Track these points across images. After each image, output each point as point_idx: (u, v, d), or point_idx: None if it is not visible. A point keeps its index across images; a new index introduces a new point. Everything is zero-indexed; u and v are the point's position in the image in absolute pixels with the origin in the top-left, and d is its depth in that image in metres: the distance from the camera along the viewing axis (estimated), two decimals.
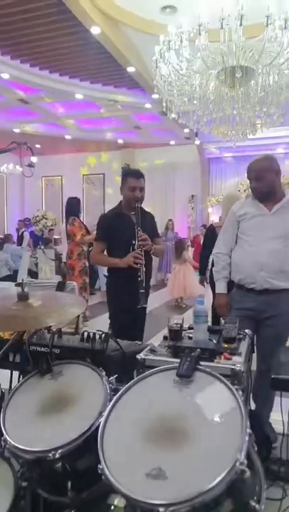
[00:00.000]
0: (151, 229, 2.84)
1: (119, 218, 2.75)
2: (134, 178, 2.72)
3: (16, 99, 8.70)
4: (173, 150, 12.28)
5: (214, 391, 1.12)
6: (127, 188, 2.72)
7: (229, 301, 2.58)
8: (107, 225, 2.79)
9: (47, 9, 5.46)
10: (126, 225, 2.69)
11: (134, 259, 2.58)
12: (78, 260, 5.40)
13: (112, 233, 2.74)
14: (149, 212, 2.95)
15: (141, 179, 2.74)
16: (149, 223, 2.83)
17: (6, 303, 1.41)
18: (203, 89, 4.86)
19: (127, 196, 2.74)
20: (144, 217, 2.74)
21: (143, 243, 2.62)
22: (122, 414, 1.14)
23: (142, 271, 2.60)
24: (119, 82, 8.03)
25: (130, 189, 2.70)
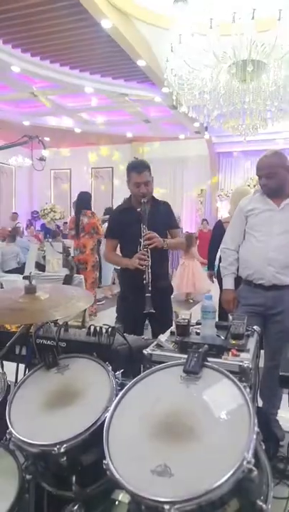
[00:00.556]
0: (165, 220, 2.68)
1: (127, 213, 2.64)
2: (137, 174, 2.56)
3: (26, 92, 8.69)
4: (182, 144, 12.21)
5: (222, 388, 1.10)
6: (132, 184, 2.59)
7: (236, 297, 2.57)
8: (115, 222, 2.74)
9: (59, 3, 5.43)
10: (134, 221, 2.55)
11: (138, 261, 2.43)
12: (92, 255, 5.40)
13: (121, 230, 2.65)
14: (164, 201, 2.78)
15: (144, 173, 2.55)
16: (163, 214, 2.67)
17: (14, 295, 1.41)
18: (213, 83, 4.81)
19: (132, 192, 2.62)
20: (156, 209, 2.61)
21: (148, 242, 2.45)
22: (128, 410, 1.13)
23: (147, 273, 2.43)
24: (129, 75, 7.99)
25: (135, 185, 2.56)
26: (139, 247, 2.49)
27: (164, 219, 2.67)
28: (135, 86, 8.38)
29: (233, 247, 2.58)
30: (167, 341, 1.82)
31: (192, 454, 0.96)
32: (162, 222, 2.64)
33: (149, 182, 2.57)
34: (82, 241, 5.42)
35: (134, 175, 2.56)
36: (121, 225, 2.66)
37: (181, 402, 1.09)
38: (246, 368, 1.53)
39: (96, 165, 13.65)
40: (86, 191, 5.82)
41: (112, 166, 13.39)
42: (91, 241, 5.39)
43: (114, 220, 2.77)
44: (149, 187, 2.58)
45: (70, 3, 5.38)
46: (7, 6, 5.54)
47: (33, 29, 6.27)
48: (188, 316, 1.89)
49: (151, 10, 5.81)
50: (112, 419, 1.11)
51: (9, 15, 5.81)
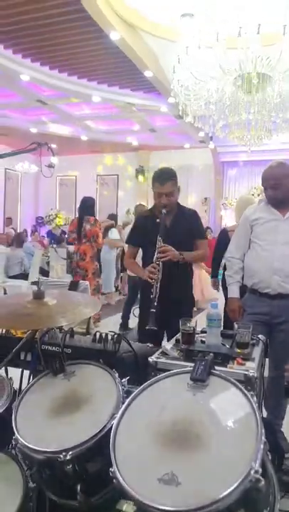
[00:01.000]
0: (189, 230, 2.57)
1: (149, 221, 2.57)
2: (159, 184, 2.49)
3: (34, 100, 8.79)
4: (187, 153, 12.29)
5: (229, 396, 1.10)
6: (154, 193, 2.54)
7: (242, 306, 2.57)
8: (137, 229, 2.71)
9: (68, 15, 5.51)
10: (155, 230, 2.46)
11: (148, 274, 2.36)
12: (91, 263, 5.37)
13: (142, 237, 2.61)
14: (192, 209, 2.71)
15: (167, 184, 2.47)
16: (187, 224, 2.57)
17: (22, 301, 1.41)
18: (219, 94, 4.86)
19: (155, 201, 2.56)
20: (180, 218, 2.55)
21: (162, 255, 2.35)
22: (135, 417, 1.12)
23: (155, 287, 2.33)
24: (136, 85, 8.06)
25: (156, 195, 2.52)
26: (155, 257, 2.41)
27: (188, 229, 2.57)
28: (142, 96, 8.45)
29: (238, 255, 2.59)
30: (172, 349, 1.82)
31: (199, 462, 0.95)
32: (186, 232, 2.55)
33: (171, 192, 2.49)
34: (83, 248, 5.38)
35: (157, 184, 2.50)
36: (142, 232, 2.63)
37: (188, 410, 1.09)
38: (252, 377, 1.52)
39: (101, 172, 13.73)
40: (90, 196, 5.81)
41: (118, 173, 13.46)
42: (91, 248, 5.36)
43: (136, 227, 2.75)
44: (172, 197, 2.50)
45: (80, 16, 5.46)
46: (19, 17, 5.63)
47: (44, 40, 6.36)
48: (194, 324, 1.89)
49: (158, 23, 5.90)
50: (119, 426, 1.10)
51: (21, 26, 5.91)
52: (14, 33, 6.13)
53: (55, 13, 5.51)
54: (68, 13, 5.48)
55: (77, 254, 5.45)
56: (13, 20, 5.72)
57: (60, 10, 5.41)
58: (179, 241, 2.46)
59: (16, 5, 5.30)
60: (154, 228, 2.47)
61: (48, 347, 1.82)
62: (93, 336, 1.83)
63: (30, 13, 5.50)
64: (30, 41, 6.44)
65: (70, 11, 5.40)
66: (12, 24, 5.86)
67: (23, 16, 5.58)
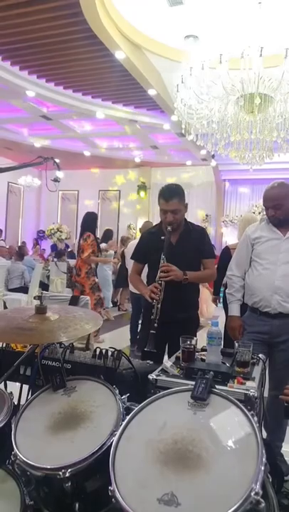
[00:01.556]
0: (195, 250, 2.49)
1: (155, 238, 2.48)
2: (164, 200, 2.40)
3: (38, 115, 8.93)
4: (189, 170, 12.43)
5: (230, 416, 1.10)
6: (160, 210, 2.46)
7: (242, 324, 2.56)
8: (142, 245, 2.65)
9: (75, 34, 5.64)
10: (160, 247, 2.38)
11: (150, 293, 2.30)
12: (87, 279, 5.29)
13: (147, 254, 2.55)
14: (200, 227, 2.65)
15: (173, 201, 2.38)
16: (194, 242, 2.49)
17: (24, 315, 1.42)
18: (222, 114, 4.95)
19: (161, 218, 2.48)
20: (187, 236, 2.47)
21: (164, 275, 2.28)
22: (135, 435, 1.12)
23: (156, 308, 2.26)
24: (139, 103, 8.20)
25: (161, 212, 2.45)
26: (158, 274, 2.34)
27: (196, 247, 2.49)
28: (145, 113, 8.59)
29: (239, 273, 2.60)
30: (172, 367, 1.81)
31: (200, 483, 0.94)
32: (192, 250, 2.47)
33: (177, 210, 2.40)
34: (79, 263, 5.35)
35: (162, 201, 2.42)
36: (147, 249, 2.56)
37: (188, 428, 1.08)
38: (252, 397, 1.52)
39: (103, 187, 13.84)
40: (92, 212, 5.81)
41: (120, 189, 13.58)
42: (86, 264, 5.28)
43: (142, 243, 2.67)
44: (178, 215, 2.41)
45: (86, 35, 5.59)
46: (27, 35, 5.78)
47: (50, 57, 6.50)
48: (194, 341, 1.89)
49: (162, 43, 6.05)
50: (119, 443, 1.10)
51: (28, 43, 6.04)
52: (22, 50, 6.28)
53: (62, 32, 5.64)
54: (75, 32, 5.61)
55: (75, 270, 5.46)
56: (21, 38, 5.86)
57: (67, 29, 5.55)
58: (185, 260, 2.39)
59: (24, 23, 5.43)
60: (159, 246, 2.39)
61: (48, 362, 1.82)
62: (93, 352, 1.83)
63: (37, 31, 5.64)
64: (36, 58, 6.58)
65: (77, 30, 5.53)
66: (20, 42, 6.00)
67: (31, 34, 5.72)
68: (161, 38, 5.94)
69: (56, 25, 5.48)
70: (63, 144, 11.13)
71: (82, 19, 5.14)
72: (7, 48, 6.25)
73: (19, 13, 5.20)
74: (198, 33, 5.60)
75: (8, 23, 5.45)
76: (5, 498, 1.17)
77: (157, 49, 6.08)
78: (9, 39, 5.94)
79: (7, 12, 5.20)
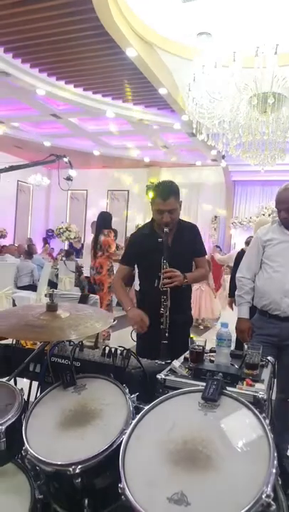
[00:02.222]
0: (191, 248, 2.41)
1: (148, 240, 2.35)
2: (161, 200, 2.24)
3: (48, 114, 8.96)
4: (199, 170, 12.39)
5: (241, 417, 1.09)
6: (154, 210, 2.30)
7: (251, 327, 2.55)
8: (134, 247, 2.46)
9: (86, 31, 5.65)
10: (155, 249, 2.27)
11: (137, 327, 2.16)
12: (108, 276, 5.22)
13: (138, 257, 2.41)
14: (191, 224, 2.51)
15: (170, 200, 2.24)
16: (189, 241, 2.40)
17: (35, 312, 1.43)
18: (233, 113, 4.92)
19: (155, 218, 2.33)
20: (181, 235, 2.36)
21: (168, 282, 2.17)
22: (145, 434, 1.12)
23: (165, 317, 2.15)
24: (150, 102, 8.19)
25: (157, 212, 2.28)
26: (157, 281, 2.22)
27: (190, 246, 2.41)
28: (155, 112, 8.58)
29: (249, 275, 2.59)
30: (181, 367, 1.81)
31: (210, 483, 0.94)
32: (188, 250, 2.39)
33: (174, 210, 2.27)
34: (99, 261, 5.26)
35: (158, 201, 2.26)
36: (140, 251, 2.40)
37: (199, 429, 1.08)
38: (261, 399, 1.51)
39: (112, 187, 13.86)
40: (106, 211, 5.83)
41: (128, 189, 13.58)
42: (107, 261, 5.23)
43: (133, 245, 2.48)
44: (174, 215, 2.28)
45: (97, 32, 5.59)
46: (37, 32, 5.79)
47: (60, 55, 6.51)
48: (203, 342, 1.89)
49: (174, 40, 6.02)
50: (129, 442, 1.10)
51: (38, 41, 6.06)
52: (32, 47, 6.29)
53: (72, 29, 5.65)
54: (86, 30, 5.61)
55: (94, 269, 5.30)
56: (32, 35, 5.88)
57: (77, 26, 5.55)
58: (182, 261, 2.31)
59: (35, 20, 5.44)
60: (154, 248, 2.26)
61: (58, 359, 1.83)
62: (102, 351, 1.83)
63: (48, 28, 5.64)
64: (47, 56, 6.59)
65: (88, 28, 5.53)
66: (31, 39, 6.02)
67: (42, 31, 5.73)
68: (173, 36, 5.92)
69: (67, 22, 5.48)
70: (73, 143, 11.17)
71: (94, 16, 5.13)
72: (18, 45, 6.27)
73: (30, 9, 5.21)
74: (211, 30, 5.56)
75: (19, 19, 5.47)
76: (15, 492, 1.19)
77: (169, 47, 6.06)
78: (20, 36, 5.95)
79: (18, 9, 5.21)
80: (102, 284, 5.20)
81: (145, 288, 2.38)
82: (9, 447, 1.25)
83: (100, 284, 5.22)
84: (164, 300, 2.18)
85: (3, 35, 5.98)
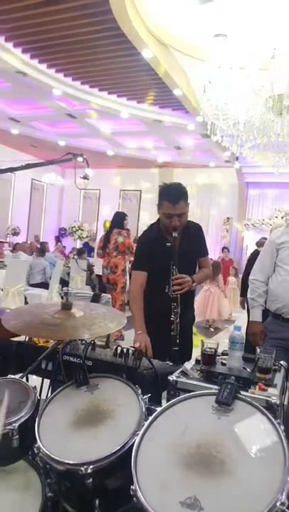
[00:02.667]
0: (197, 249, 2.38)
1: (156, 244, 2.28)
2: (171, 204, 2.16)
3: (64, 113, 9.02)
4: (212, 172, 12.35)
5: (255, 422, 1.08)
6: (163, 214, 2.23)
7: (264, 330, 2.53)
8: (145, 252, 2.36)
9: (103, 32, 5.69)
10: (163, 253, 2.21)
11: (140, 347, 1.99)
12: (122, 276, 5.23)
13: (150, 260, 2.31)
14: (195, 223, 2.43)
15: (180, 204, 2.17)
16: (195, 242, 2.36)
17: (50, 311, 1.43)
18: (248, 115, 4.89)
19: (162, 222, 2.27)
20: (188, 236, 2.31)
21: (178, 288, 2.14)
22: (158, 436, 1.11)
23: (175, 323, 2.13)
24: (164, 103, 8.20)
25: (165, 216, 2.20)
26: (167, 287, 2.17)
27: (196, 247, 2.37)
28: (170, 113, 8.59)
29: (263, 278, 2.57)
30: (192, 369, 1.80)
31: (223, 488, 0.93)
32: (194, 251, 2.36)
33: (183, 214, 2.20)
34: (114, 260, 5.23)
35: (167, 205, 2.17)
36: (150, 256, 2.31)
37: (212, 433, 1.07)
38: (274, 404, 1.49)
39: (125, 187, 13.89)
40: (121, 211, 5.80)
41: (141, 189, 13.60)
42: (123, 261, 5.22)
43: (144, 250, 2.37)
44: (183, 218, 2.22)
45: (114, 34, 5.62)
46: (54, 33, 5.85)
47: (77, 56, 6.57)
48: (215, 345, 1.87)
49: (190, 42, 6.02)
50: (141, 444, 1.09)
51: (56, 42, 6.12)
52: (49, 48, 6.36)
53: (89, 31, 5.69)
54: (103, 31, 5.65)
55: (108, 268, 5.26)
56: (49, 36, 5.94)
57: (94, 28, 5.59)
58: (189, 263, 2.29)
59: (52, 21, 5.50)
60: (163, 252, 2.21)
61: (69, 358, 1.83)
62: (114, 350, 1.83)
63: (65, 29, 5.70)
64: (64, 57, 6.66)
65: (105, 29, 5.57)
66: (48, 40, 6.08)
67: (59, 32, 5.79)
68: (189, 37, 5.92)
69: (84, 24, 5.53)
70: (87, 142, 11.24)
71: (111, 17, 5.16)
72: (35, 45, 6.34)
73: (48, 11, 5.26)
74: (228, 31, 5.54)
75: (36, 21, 5.53)
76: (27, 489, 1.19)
77: (185, 48, 6.06)
78: (37, 37, 6.02)
79: (36, 10, 5.27)
80: (115, 284, 5.18)
81: (153, 293, 2.28)
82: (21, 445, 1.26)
83: (114, 284, 5.19)
84: (174, 307, 2.15)
85: (21, 36, 6.06)
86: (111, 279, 5.21)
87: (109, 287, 5.27)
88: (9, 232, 11.76)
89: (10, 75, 7.10)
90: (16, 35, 6.06)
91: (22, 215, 13.02)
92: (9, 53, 6.43)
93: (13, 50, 6.43)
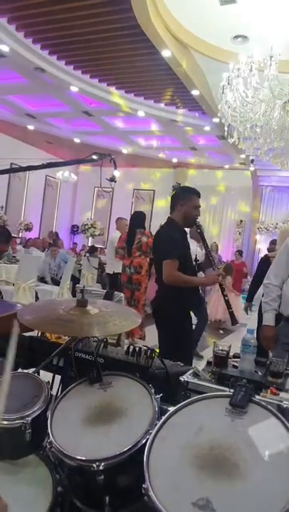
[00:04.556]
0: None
1: (184, 236, 2.82)
2: (198, 197, 2.77)
3: (80, 111, 9.06)
4: (226, 174, 12.30)
5: (269, 427, 1.07)
6: (192, 206, 2.73)
7: (276, 334, 2.51)
8: (180, 242, 2.73)
9: (123, 30, 5.69)
10: (187, 243, 2.78)
11: (217, 278, 2.69)
12: (146, 276, 5.16)
13: (182, 251, 2.70)
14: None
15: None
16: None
17: (65, 307, 1.44)
18: (266, 118, 4.85)
19: (189, 213, 2.73)
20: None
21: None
22: (170, 436, 1.11)
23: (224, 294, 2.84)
24: (181, 103, 8.18)
25: (194, 208, 2.74)
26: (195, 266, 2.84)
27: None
28: (186, 114, 8.56)
29: (277, 283, 2.55)
30: (204, 371, 1.79)
31: (236, 492, 0.93)
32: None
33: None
34: (138, 260, 5.16)
35: (196, 198, 2.75)
36: (182, 246, 2.73)
37: (225, 435, 1.06)
38: (285, 409, 1.48)
39: (138, 186, 13.89)
40: (141, 211, 5.69)
41: (154, 188, 13.59)
42: (146, 261, 5.16)
43: (179, 240, 2.72)
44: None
45: (133, 32, 5.62)
46: (73, 30, 5.87)
47: (96, 53, 6.58)
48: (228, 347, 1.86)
49: (210, 43, 5.98)
50: (154, 443, 1.09)
51: (75, 39, 6.14)
52: (68, 45, 6.39)
53: (109, 28, 5.70)
54: (122, 29, 5.66)
55: (131, 268, 5.20)
56: (69, 33, 5.96)
57: (114, 25, 5.59)
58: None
59: (73, 18, 5.52)
60: (186, 241, 2.82)
61: (81, 354, 1.84)
62: (127, 349, 1.83)
63: (85, 26, 5.71)
64: (83, 54, 6.67)
65: (125, 27, 5.57)
66: (66, 37, 6.11)
67: (78, 29, 5.81)
68: (208, 38, 5.89)
69: (104, 21, 5.53)
70: (102, 140, 11.27)
71: (131, 16, 5.15)
72: (55, 42, 6.37)
73: (68, 7, 5.28)
74: (248, 33, 5.50)
75: (57, 17, 5.55)
76: (38, 484, 1.20)
77: (204, 49, 6.03)
78: (57, 33, 6.05)
79: (56, 6, 5.29)
80: (139, 284, 5.08)
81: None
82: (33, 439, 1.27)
83: (138, 284, 5.09)
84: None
85: (41, 32, 6.09)
86: (135, 278, 5.12)
87: (129, 286, 5.17)
88: (22, 227, 11.86)
89: (28, 71, 7.15)
90: (36, 31, 6.09)
91: (35, 211, 13.11)
92: (28, 49, 6.48)
93: (33, 46, 6.47)
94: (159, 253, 2.71)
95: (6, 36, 6.05)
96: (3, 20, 5.79)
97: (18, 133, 10.88)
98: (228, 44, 5.82)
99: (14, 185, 12.11)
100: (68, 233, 14.24)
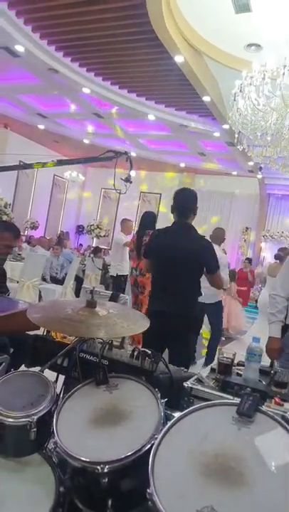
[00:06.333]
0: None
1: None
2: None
3: (91, 112, 9.10)
4: (234, 180, 12.29)
5: (276, 437, 1.06)
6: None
7: (282, 346, 2.50)
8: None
9: (137, 35, 5.73)
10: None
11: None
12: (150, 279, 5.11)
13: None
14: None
15: None
16: None
17: (74, 307, 1.44)
18: (277, 126, 4.86)
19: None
20: None
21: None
22: (176, 442, 1.10)
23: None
24: (192, 108, 8.20)
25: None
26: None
27: None
28: (196, 119, 8.58)
29: (284, 294, 2.54)
30: (208, 377, 1.78)
31: (242, 502, 0.92)
32: None
33: None
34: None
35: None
36: None
37: (231, 444, 1.06)
38: None
39: (145, 189, 13.91)
40: (151, 211, 5.46)
41: (161, 192, 13.60)
42: None
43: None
44: None
45: (147, 37, 5.65)
46: (88, 33, 5.92)
47: (109, 56, 6.63)
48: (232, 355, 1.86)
49: (223, 50, 6.01)
50: (159, 448, 1.09)
51: (90, 41, 6.19)
52: (83, 47, 6.44)
53: (123, 33, 5.74)
54: (137, 34, 5.69)
55: (137, 270, 5.08)
56: (84, 35, 6.01)
57: (129, 30, 5.63)
58: None
59: (88, 21, 5.56)
60: None
61: (86, 355, 1.83)
62: (132, 352, 1.83)
63: (100, 30, 5.76)
64: (96, 56, 6.72)
65: (139, 32, 5.61)
66: (81, 39, 6.15)
67: (93, 32, 5.86)
68: (222, 45, 5.92)
69: (119, 26, 5.57)
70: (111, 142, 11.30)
71: (146, 21, 5.19)
72: (69, 44, 6.42)
73: (84, 11, 5.32)
74: (262, 42, 5.52)
75: (72, 20, 5.60)
76: (40, 483, 1.20)
77: (217, 55, 6.06)
78: (72, 36, 6.10)
79: (72, 9, 5.34)
80: (143, 287, 4.94)
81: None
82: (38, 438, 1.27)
83: (141, 287, 4.97)
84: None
85: (56, 34, 6.14)
86: (139, 281, 5.00)
87: (134, 290, 5.06)
88: (28, 225, 11.89)
89: (42, 72, 7.20)
90: (51, 33, 6.15)
91: (41, 210, 13.15)
92: (43, 50, 6.53)
93: (47, 48, 6.52)
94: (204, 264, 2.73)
95: (21, 37, 6.11)
96: (20, 21, 5.85)
97: (28, 131, 10.94)
98: (241, 52, 5.85)
99: (22, 184, 12.15)
100: (74, 233, 14.26)
